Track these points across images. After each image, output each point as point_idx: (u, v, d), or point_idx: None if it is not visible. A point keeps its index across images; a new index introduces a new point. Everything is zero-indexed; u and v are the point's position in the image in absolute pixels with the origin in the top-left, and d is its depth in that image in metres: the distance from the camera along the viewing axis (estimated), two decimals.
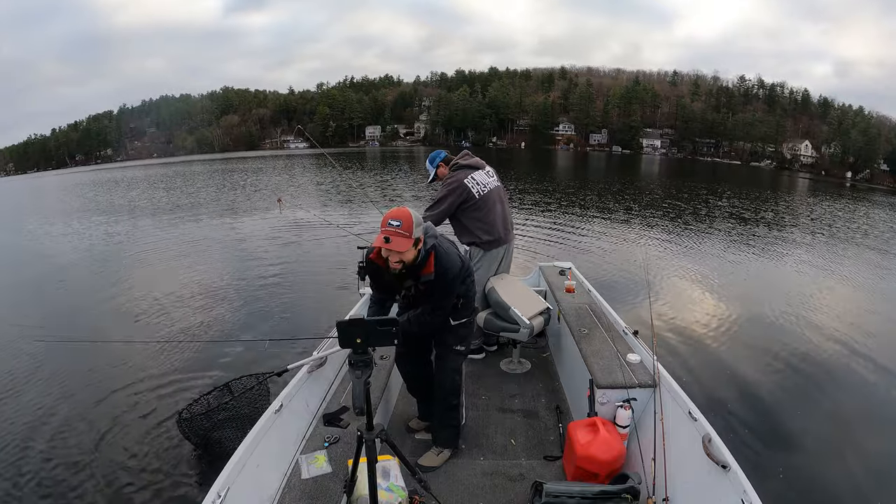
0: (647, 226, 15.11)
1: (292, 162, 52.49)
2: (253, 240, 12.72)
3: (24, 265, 11.44)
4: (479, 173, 3.95)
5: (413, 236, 2.31)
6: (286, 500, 2.17)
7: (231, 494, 1.98)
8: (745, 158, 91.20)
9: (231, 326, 6.89)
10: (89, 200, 25.48)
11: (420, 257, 2.44)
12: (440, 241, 2.57)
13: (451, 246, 2.66)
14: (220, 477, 2.02)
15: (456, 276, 2.57)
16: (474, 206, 3.88)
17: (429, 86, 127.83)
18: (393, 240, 2.27)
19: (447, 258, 2.53)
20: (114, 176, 47.67)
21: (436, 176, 4.14)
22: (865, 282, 9.94)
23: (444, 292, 2.60)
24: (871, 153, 78.04)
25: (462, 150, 4.40)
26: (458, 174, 3.91)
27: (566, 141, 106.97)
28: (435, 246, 2.50)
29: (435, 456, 2.96)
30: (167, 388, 5.12)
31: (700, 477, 2.22)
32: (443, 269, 2.50)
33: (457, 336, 2.87)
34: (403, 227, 2.29)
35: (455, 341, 2.87)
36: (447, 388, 2.91)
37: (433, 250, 2.48)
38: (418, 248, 2.42)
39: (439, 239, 2.57)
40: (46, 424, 4.54)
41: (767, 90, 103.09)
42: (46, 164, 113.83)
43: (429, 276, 2.49)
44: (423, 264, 2.48)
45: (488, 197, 3.93)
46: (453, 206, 3.85)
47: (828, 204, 26.77)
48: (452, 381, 2.91)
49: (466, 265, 2.75)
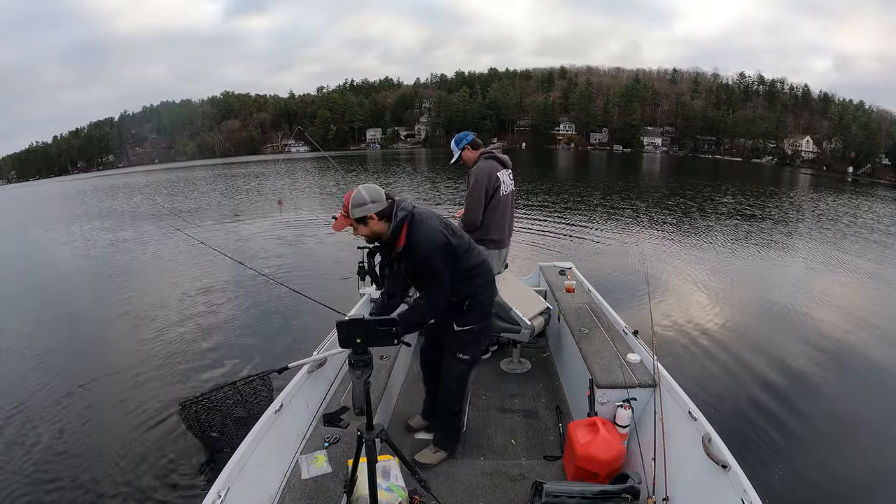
0: (647, 225, 15.10)
1: (294, 166, 52.58)
2: (253, 240, 12.80)
3: (33, 267, 11.63)
4: (505, 173, 3.89)
5: (353, 216, 2.32)
6: (286, 500, 2.17)
7: (231, 494, 1.98)
8: (746, 155, 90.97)
9: (231, 326, 6.93)
10: (92, 206, 25.70)
11: (392, 230, 2.37)
12: (416, 211, 2.44)
13: (434, 220, 2.51)
14: (220, 477, 2.03)
15: (432, 250, 2.41)
16: (495, 202, 3.83)
17: (429, 87, 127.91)
18: (335, 222, 2.39)
19: (420, 229, 2.40)
20: (116, 182, 47.91)
21: (459, 157, 4.00)
22: (869, 278, 9.90)
23: (425, 271, 2.46)
24: (873, 148, 77.75)
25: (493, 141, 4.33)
26: (490, 165, 3.82)
27: (567, 140, 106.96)
28: (407, 217, 2.38)
29: (431, 454, 2.95)
30: (166, 389, 5.14)
31: (700, 477, 2.21)
32: (414, 241, 2.38)
33: (460, 342, 2.77)
34: (343, 206, 2.35)
35: (458, 348, 2.78)
36: (447, 393, 2.88)
37: (405, 220, 2.38)
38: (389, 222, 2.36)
39: (416, 210, 2.44)
40: (46, 424, 4.58)
41: (768, 86, 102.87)
42: (48, 171, 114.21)
43: (400, 249, 2.42)
44: (397, 237, 2.39)
45: (507, 198, 3.92)
46: (488, 194, 3.78)
47: (832, 199, 26.66)
48: (453, 388, 2.86)
49: (455, 244, 2.53)
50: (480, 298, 2.72)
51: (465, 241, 2.63)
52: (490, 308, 2.85)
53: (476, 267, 2.67)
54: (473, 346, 2.83)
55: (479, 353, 2.96)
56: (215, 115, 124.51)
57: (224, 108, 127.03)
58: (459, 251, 2.55)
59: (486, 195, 3.77)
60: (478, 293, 2.70)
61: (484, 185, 3.75)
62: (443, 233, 2.47)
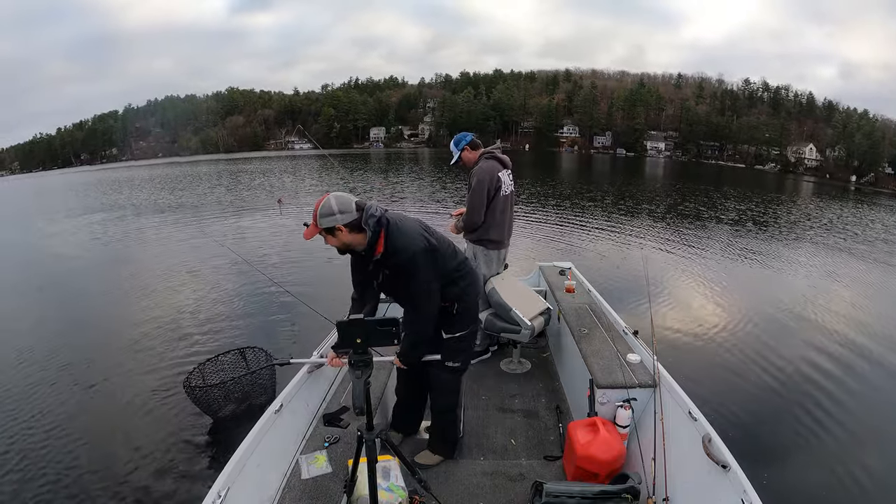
0: (648, 227, 15.13)
1: (297, 163, 52.60)
2: (253, 241, 12.76)
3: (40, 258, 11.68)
4: (505, 173, 3.88)
5: (321, 225, 2.21)
6: (286, 500, 2.18)
7: (231, 494, 1.98)
8: (749, 161, 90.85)
9: (230, 327, 6.90)
10: (96, 200, 25.72)
11: (370, 239, 2.26)
12: (390, 216, 2.32)
13: (412, 222, 2.41)
14: (220, 477, 2.02)
15: (414, 256, 2.29)
16: (496, 202, 3.83)
17: (433, 87, 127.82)
18: (306, 230, 2.27)
19: (399, 234, 2.29)
20: (119, 176, 47.95)
21: (459, 158, 3.97)
22: (870, 286, 9.90)
23: (409, 277, 2.34)
24: (876, 156, 77.59)
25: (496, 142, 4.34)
26: (491, 165, 3.82)
27: (570, 143, 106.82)
28: (382, 222, 2.26)
29: (430, 455, 2.93)
30: (165, 390, 5.13)
31: (700, 477, 2.21)
32: (394, 247, 2.27)
33: (450, 351, 2.66)
34: (312, 216, 2.24)
35: (448, 356, 2.66)
36: (441, 405, 2.84)
37: (382, 227, 2.27)
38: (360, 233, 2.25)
39: (388, 215, 2.32)
40: (47, 417, 4.60)
41: (772, 93, 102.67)
42: (52, 163, 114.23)
43: (378, 256, 2.31)
44: (375, 245, 2.28)
45: (507, 198, 3.92)
46: (489, 194, 3.78)
47: (836, 207, 26.66)
48: (447, 399, 2.81)
49: (436, 245, 2.41)
50: (468, 301, 2.63)
51: (444, 241, 2.52)
52: (477, 311, 2.75)
53: (460, 266, 2.57)
54: (463, 353, 2.73)
55: (470, 357, 2.85)
56: (219, 111, 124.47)
57: (228, 103, 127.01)
58: (441, 252, 2.45)
59: (487, 195, 3.77)
60: (466, 296, 2.60)
61: (486, 186, 3.75)
62: (423, 235, 2.37)
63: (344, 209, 2.20)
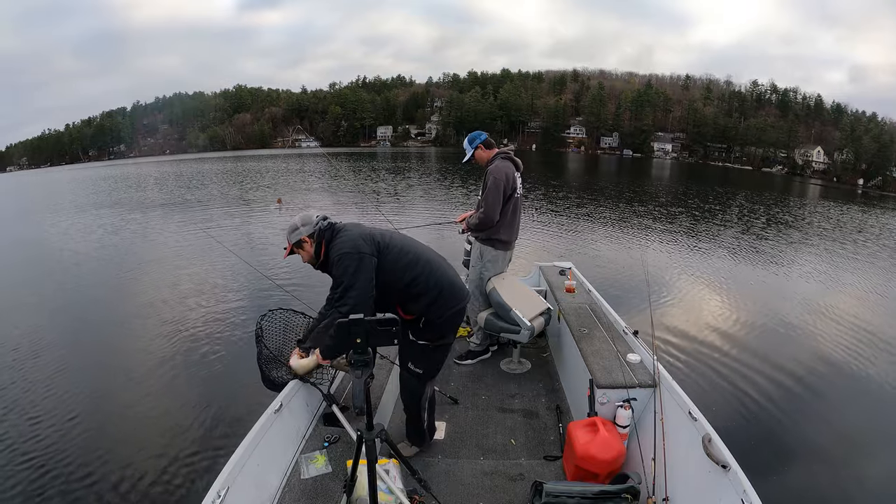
0: (649, 227, 15.09)
1: (304, 162, 52.68)
2: (253, 240, 12.80)
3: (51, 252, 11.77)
4: (517, 176, 3.92)
5: (290, 241, 2.48)
6: (286, 500, 2.19)
7: (231, 494, 1.98)
8: (756, 163, 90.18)
9: (230, 325, 6.94)
10: (107, 195, 25.84)
11: (315, 247, 2.47)
12: (338, 226, 2.49)
13: (356, 230, 2.48)
14: (219, 476, 2.02)
15: (340, 258, 2.34)
16: (508, 203, 3.85)
17: (441, 87, 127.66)
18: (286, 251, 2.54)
19: (337, 240, 2.42)
20: (127, 172, 48.17)
21: (472, 157, 4.01)
22: (871, 287, 9.86)
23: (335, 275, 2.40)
24: (884, 160, 76.84)
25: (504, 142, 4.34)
26: (506, 166, 3.84)
27: (577, 143, 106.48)
28: (326, 230, 2.45)
29: (408, 447, 2.98)
30: (165, 389, 5.16)
31: (700, 477, 2.21)
32: (329, 251, 2.43)
33: (412, 352, 2.65)
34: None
35: (410, 358, 2.68)
36: (405, 399, 2.87)
37: (323, 237, 2.45)
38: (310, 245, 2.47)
39: (338, 225, 2.49)
40: (49, 416, 4.63)
41: (780, 95, 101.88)
42: (60, 158, 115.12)
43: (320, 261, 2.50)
44: (319, 253, 2.47)
45: (518, 200, 3.94)
46: (506, 193, 3.80)
47: (849, 211, 26.49)
48: (408, 397, 2.83)
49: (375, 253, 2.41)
50: (432, 318, 2.57)
51: (394, 251, 2.47)
52: (447, 330, 2.65)
53: (414, 282, 2.48)
54: (426, 362, 2.69)
55: (434, 371, 2.78)
56: (227, 108, 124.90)
57: (236, 101, 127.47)
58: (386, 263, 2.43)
59: (504, 194, 3.79)
60: (429, 313, 2.55)
61: (503, 185, 3.78)
62: (362, 239, 2.40)
63: (305, 222, 2.47)
